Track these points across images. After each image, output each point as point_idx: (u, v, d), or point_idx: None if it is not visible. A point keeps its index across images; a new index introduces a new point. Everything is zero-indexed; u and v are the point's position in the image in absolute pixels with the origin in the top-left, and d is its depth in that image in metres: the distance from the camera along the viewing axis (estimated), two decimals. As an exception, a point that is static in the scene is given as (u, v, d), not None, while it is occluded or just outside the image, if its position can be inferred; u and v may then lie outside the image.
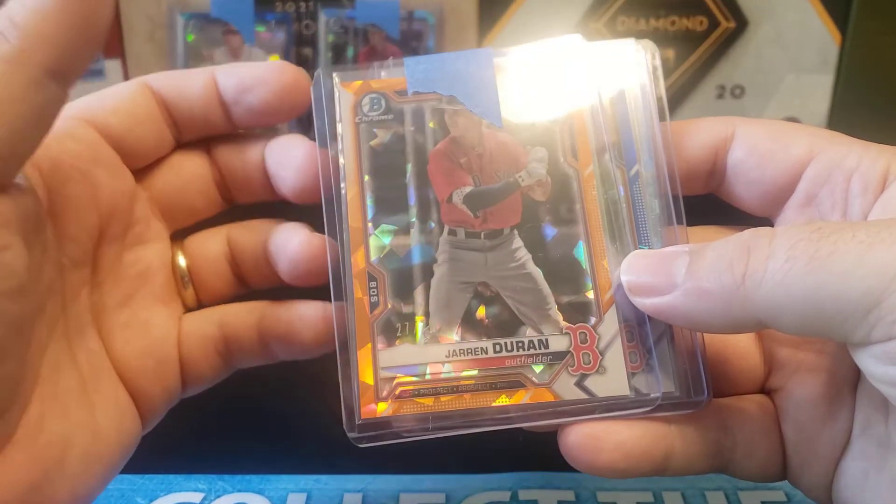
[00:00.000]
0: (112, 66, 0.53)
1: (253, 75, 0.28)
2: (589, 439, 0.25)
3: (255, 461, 0.38)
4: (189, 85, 0.29)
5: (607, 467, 0.25)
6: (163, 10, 0.53)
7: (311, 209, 0.29)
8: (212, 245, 0.30)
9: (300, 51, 0.54)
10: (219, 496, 0.36)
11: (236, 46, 0.54)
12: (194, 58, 0.54)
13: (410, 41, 0.53)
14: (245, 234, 0.30)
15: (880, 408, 0.25)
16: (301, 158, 0.28)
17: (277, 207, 0.30)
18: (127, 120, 0.28)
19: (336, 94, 0.28)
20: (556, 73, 0.28)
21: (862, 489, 0.25)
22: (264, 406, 0.38)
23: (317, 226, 0.28)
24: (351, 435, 0.25)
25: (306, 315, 0.29)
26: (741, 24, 0.54)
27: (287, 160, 0.28)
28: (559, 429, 0.25)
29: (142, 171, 0.29)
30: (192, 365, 0.29)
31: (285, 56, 0.54)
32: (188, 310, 0.30)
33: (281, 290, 0.30)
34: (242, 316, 0.30)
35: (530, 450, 0.37)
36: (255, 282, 0.31)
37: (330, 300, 0.27)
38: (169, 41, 0.53)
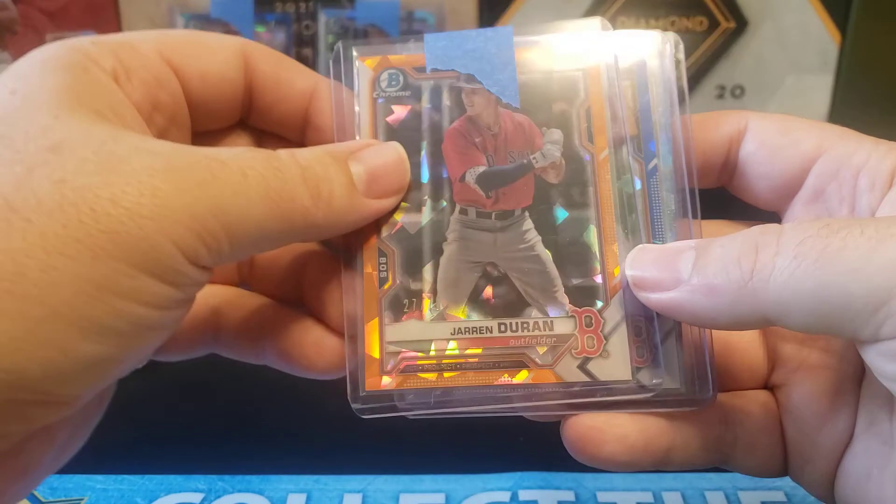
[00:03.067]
0: (112, 66, 0.53)
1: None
2: (592, 431, 0.25)
3: (255, 461, 0.38)
4: (289, 87, 0.27)
5: (610, 459, 0.25)
6: (163, 11, 0.53)
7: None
8: None
9: (300, 51, 0.54)
10: (219, 496, 0.36)
11: (236, 47, 0.54)
12: (194, 58, 0.54)
13: (410, 41, 0.53)
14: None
15: (885, 405, 0.25)
16: None
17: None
18: (211, 88, 0.26)
19: (355, 69, 0.28)
20: (577, 56, 0.28)
21: (865, 486, 0.25)
22: (264, 406, 0.38)
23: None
24: (355, 406, 0.26)
25: (321, 343, 0.27)
26: (741, 24, 0.54)
27: None
28: (562, 420, 0.25)
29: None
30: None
31: (285, 56, 0.54)
32: None
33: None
34: (243, 316, 0.28)
35: (530, 450, 0.37)
36: (261, 290, 0.29)
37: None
38: (169, 41, 0.53)
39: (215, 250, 0.21)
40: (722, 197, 0.29)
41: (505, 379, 0.25)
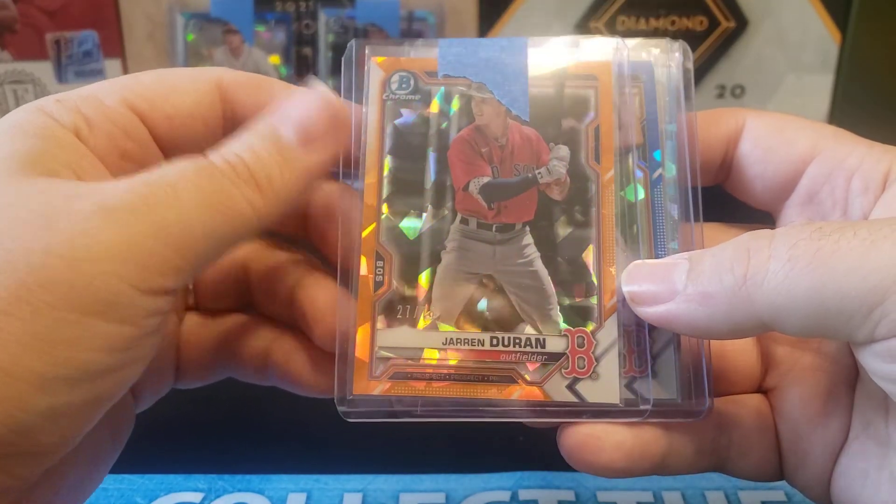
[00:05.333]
0: (112, 65, 0.53)
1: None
2: (589, 439, 0.25)
3: (255, 461, 0.38)
4: (268, 99, 0.26)
5: (607, 467, 0.25)
6: (163, 10, 0.53)
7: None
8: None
9: (300, 51, 0.54)
10: (219, 496, 0.36)
11: (236, 46, 0.54)
12: (194, 57, 0.54)
13: (410, 41, 0.54)
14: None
15: (880, 406, 0.25)
16: None
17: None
18: (180, 129, 0.26)
19: (366, 69, 0.28)
20: (589, 73, 0.28)
21: (861, 488, 0.25)
22: (264, 406, 0.38)
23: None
24: (341, 409, 0.26)
25: (314, 366, 0.27)
26: (741, 24, 0.54)
27: None
28: (559, 429, 0.25)
29: None
30: (186, 366, 0.29)
31: (285, 56, 0.54)
32: (186, 308, 0.29)
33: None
34: (248, 342, 0.29)
35: (530, 450, 0.37)
36: (262, 307, 0.30)
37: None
38: (169, 41, 0.53)
39: (169, 270, 0.21)
40: (719, 195, 0.29)
41: (493, 393, 0.25)
